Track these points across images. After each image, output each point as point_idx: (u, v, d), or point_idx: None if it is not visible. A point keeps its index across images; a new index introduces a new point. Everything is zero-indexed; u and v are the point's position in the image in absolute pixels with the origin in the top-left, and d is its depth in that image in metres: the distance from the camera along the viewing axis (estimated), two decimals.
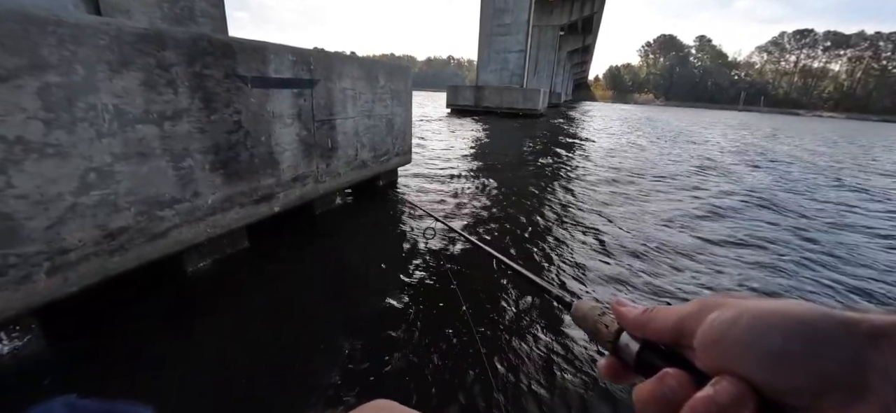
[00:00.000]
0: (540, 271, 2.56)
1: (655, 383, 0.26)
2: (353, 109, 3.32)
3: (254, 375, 1.54)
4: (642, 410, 0.26)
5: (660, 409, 0.25)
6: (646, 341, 0.29)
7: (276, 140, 2.51)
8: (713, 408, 0.22)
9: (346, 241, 2.86)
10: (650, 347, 0.29)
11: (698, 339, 0.25)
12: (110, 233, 1.70)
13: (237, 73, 2.15)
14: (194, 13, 2.70)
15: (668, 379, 0.25)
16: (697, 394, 0.23)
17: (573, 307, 0.35)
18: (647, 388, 0.26)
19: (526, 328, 1.92)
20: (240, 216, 2.34)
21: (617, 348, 0.30)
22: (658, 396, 0.25)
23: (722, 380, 0.23)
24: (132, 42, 1.67)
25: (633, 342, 0.29)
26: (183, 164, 1.95)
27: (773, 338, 0.22)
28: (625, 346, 0.30)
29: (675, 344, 0.27)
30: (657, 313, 0.28)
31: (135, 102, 1.70)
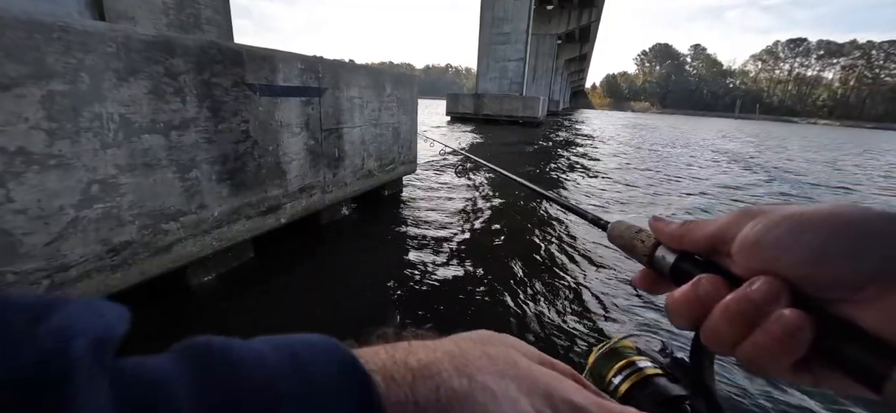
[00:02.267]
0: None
1: (690, 287, 0.26)
2: (360, 118, 3.26)
3: None
4: (676, 314, 0.26)
5: (693, 311, 0.25)
6: (682, 252, 0.29)
7: (284, 150, 2.45)
8: (747, 305, 0.23)
9: (352, 252, 2.79)
10: (686, 258, 0.29)
11: (736, 245, 0.25)
12: (113, 248, 1.63)
13: (246, 82, 2.09)
14: (200, 20, 2.65)
15: (703, 282, 0.25)
16: (731, 294, 0.24)
17: (609, 228, 0.36)
18: (681, 292, 0.26)
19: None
20: (246, 228, 2.27)
21: (653, 261, 0.31)
22: (692, 299, 0.25)
23: (757, 279, 0.23)
24: (140, 50, 1.61)
25: (670, 254, 0.30)
26: (189, 176, 1.88)
27: (815, 235, 0.22)
28: (661, 258, 0.30)
29: (713, 253, 0.27)
30: (695, 225, 0.28)
31: (141, 112, 1.64)
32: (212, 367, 0.15)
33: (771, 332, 0.22)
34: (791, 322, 0.21)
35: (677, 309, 0.26)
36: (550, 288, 2.39)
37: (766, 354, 0.22)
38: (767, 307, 0.22)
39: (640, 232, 0.33)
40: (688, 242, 0.29)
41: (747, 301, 0.23)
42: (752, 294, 0.23)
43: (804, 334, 0.21)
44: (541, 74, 38.48)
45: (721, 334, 0.24)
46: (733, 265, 0.26)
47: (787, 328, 0.21)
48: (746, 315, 0.23)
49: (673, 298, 0.27)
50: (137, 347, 0.16)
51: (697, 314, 0.25)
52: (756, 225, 0.24)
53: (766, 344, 0.22)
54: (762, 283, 0.23)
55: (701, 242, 0.28)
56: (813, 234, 0.22)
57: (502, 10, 19.14)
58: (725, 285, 0.25)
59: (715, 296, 0.25)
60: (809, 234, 0.22)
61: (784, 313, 0.21)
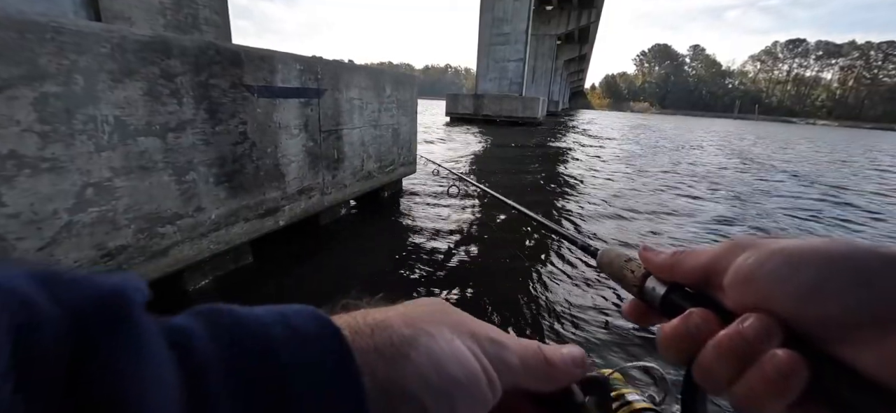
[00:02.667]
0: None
1: (681, 322, 0.25)
2: (360, 119, 3.24)
3: None
4: (666, 349, 0.26)
5: (684, 346, 0.25)
6: (672, 284, 0.28)
7: (283, 151, 2.42)
8: (740, 342, 0.22)
9: (352, 254, 2.76)
10: (676, 289, 0.28)
11: (728, 278, 0.24)
12: (108, 252, 1.60)
13: (244, 83, 2.06)
14: (198, 21, 2.62)
15: (694, 317, 0.25)
16: (723, 330, 0.23)
17: (599, 254, 0.35)
18: (671, 326, 0.26)
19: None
20: (244, 231, 2.24)
21: (643, 292, 0.30)
22: (682, 334, 0.25)
23: (750, 316, 0.22)
24: (136, 50, 1.58)
25: (660, 285, 0.29)
26: (186, 178, 1.85)
27: (808, 271, 0.21)
28: (651, 290, 0.29)
29: (704, 285, 0.27)
30: (685, 256, 0.28)
31: (137, 114, 1.61)
32: (221, 321, 0.19)
33: (764, 373, 0.21)
34: (785, 363, 0.21)
35: (668, 344, 0.26)
36: (543, 301, 2.36)
37: (760, 396, 0.21)
38: (760, 345, 0.21)
39: (630, 261, 0.32)
40: (678, 273, 0.28)
41: (740, 338, 0.22)
42: (744, 331, 0.22)
43: (798, 376, 0.20)
44: (540, 75, 38.49)
45: (713, 373, 0.23)
46: (725, 298, 0.25)
47: (780, 369, 0.21)
48: (739, 353, 0.22)
49: (664, 333, 0.26)
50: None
51: (689, 350, 0.25)
52: (748, 258, 0.24)
53: (760, 385, 0.21)
54: (755, 321, 0.22)
55: (692, 274, 0.27)
56: (806, 271, 0.21)
57: (502, 11, 19.13)
58: (717, 320, 0.24)
59: (706, 331, 0.24)
60: (803, 270, 0.22)
61: (777, 353, 0.21)
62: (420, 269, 2.55)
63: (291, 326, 0.19)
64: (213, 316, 0.19)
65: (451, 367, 0.22)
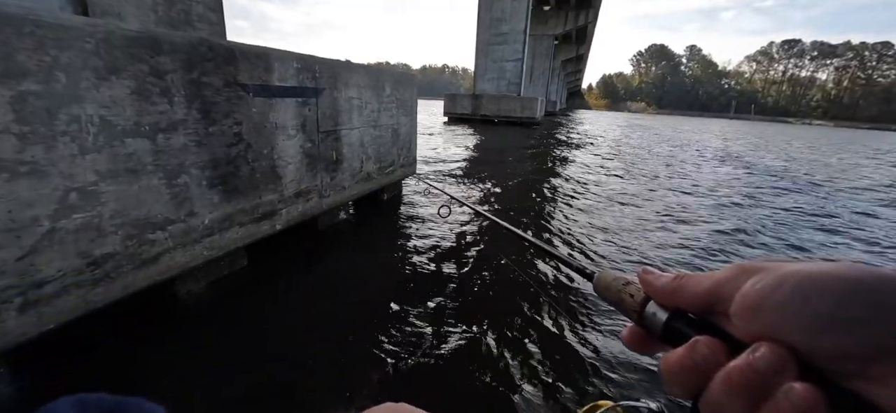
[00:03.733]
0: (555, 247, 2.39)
1: (685, 351, 0.23)
2: (359, 119, 3.15)
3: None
4: (671, 381, 0.24)
5: (689, 378, 0.23)
6: (675, 310, 0.27)
7: (279, 153, 2.33)
8: (751, 375, 0.20)
9: (350, 258, 2.67)
10: (679, 316, 0.26)
11: (736, 306, 0.23)
12: (94, 261, 1.51)
13: (238, 81, 1.97)
14: (191, 17, 2.53)
15: (700, 347, 0.23)
16: (733, 361, 0.21)
17: (595, 278, 0.34)
18: (675, 356, 0.24)
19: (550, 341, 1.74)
20: (239, 236, 2.15)
21: (643, 318, 0.28)
22: (688, 365, 0.23)
23: (761, 346, 0.21)
24: (123, 46, 1.49)
25: (661, 311, 0.27)
26: (177, 181, 1.76)
27: (824, 301, 0.20)
28: (651, 316, 0.28)
29: (708, 312, 0.25)
30: (689, 280, 0.26)
31: (124, 113, 1.52)
32: None
33: (780, 410, 0.19)
34: (803, 399, 0.19)
35: (672, 376, 0.24)
36: (550, 308, 2.29)
37: None
38: (774, 378, 0.20)
39: (629, 285, 0.30)
40: (681, 299, 0.26)
41: (751, 371, 0.20)
42: (755, 363, 0.20)
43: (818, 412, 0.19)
44: (538, 75, 38.45)
45: (723, 409, 0.22)
46: (732, 327, 0.23)
47: (798, 406, 0.19)
48: (751, 387, 0.20)
49: (667, 363, 0.24)
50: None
51: (695, 383, 0.23)
52: (757, 283, 0.22)
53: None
54: (767, 351, 0.20)
55: (695, 299, 0.25)
56: (820, 299, 0.20)
57: (500, 11, 19.06)
58: (725, 350, 0.22)
59: (714, 362, 0.22)
60: (816, 298, 0.20)
61: (794, 388, 0.19)
62: (420, 275, 2.47)
63: None
64: None
65: None
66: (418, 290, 2.26)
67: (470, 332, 1.90)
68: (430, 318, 2.00)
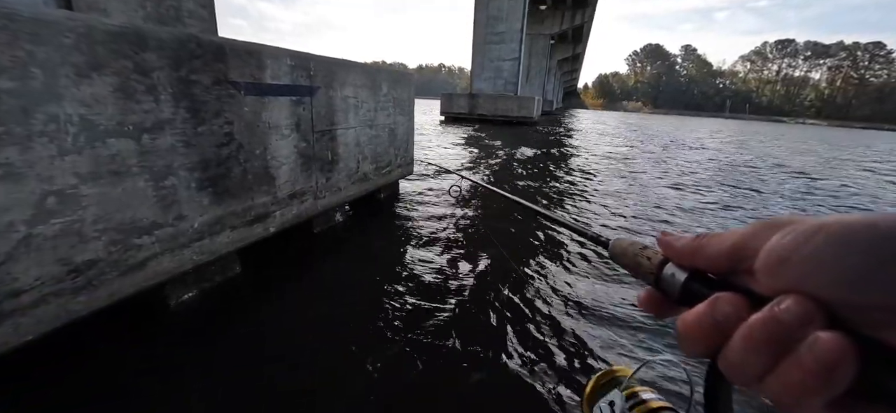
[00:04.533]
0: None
1: (705, 308, 0.23)
2: (355, 119, 3.08)
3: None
4: (688, 339, 0.23)
5: (708, 336, 0.22)
6: (694, 270, 0.25)
7: (273, 153, 2.26)
8: (774, 327, 0.19)
9: (347, 261, 2.60)
10: (698, 276, 0.25)
11: (761, 261, 0.22)
12: (75, 268, 1.43)
13: (229, 79, 1.90)
14: (181, 13, 2.44)
15: (721, 303, 0.22)
16: (755, 314, 0.20)
17: (610, 245, 0.33)
18: (694, 314, 0.23)
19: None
20: (231, 240, 2.08)
21: (660, 281, 0.27)
22: (707, 322, 0.22)
23: (786, 298, 0.20)
24: (105, 42, 1.41)
25: (680, 272, 0.26)
26: (165, 183, 1.68)
27: (855, 250, 0.19)
28: (669, 277, 0.26)
29: (730, 271, 0.24)
30: (710, 239, 0.25)
31: (107, 113, 1.44)
32: None
33: (804, 362, 0.18)
34: (830, 348, 0.18)
35: (690, 334, 0.23)
36: (552, 300, 2.23)
37: (799, 389, 0.18)
38: (799, 331, 0.19)
39: (646, 249, 0.30)
40: (701, 259, 0.25)
41: (775, 323, 0.19)
42: (780, 314, 0.19)
43: (846, 364, 0.18)
44: (534, 74, 38.46)
45: (743, 364, 0.20)
46: (755, 284, 0.22)
47: (824, 356, 0.18)
48: (774, 340, 0.19)
49: (685, 322, 0.24)
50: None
51: (714, 340, 0.22)
52: (785, 236, 0.21)
53: (799, 376, 0.18)
54: (792, 303, 0.19)
55: (717, 259, 0.25)
56: (852, 250, 0.19)
57: (497, 10, 19.01)
58: (747, 306, 0.21)
59: (735, 318, 0.21)
60: (848, 249, 0.19)
61: (820, 337, 0.18)
62: (418, 277, 2.40)
63: None
64: None
65: None
66: (417, 293, 2.20)
67: (469, 334, 1.84)
68: (430, 320, 1.94)
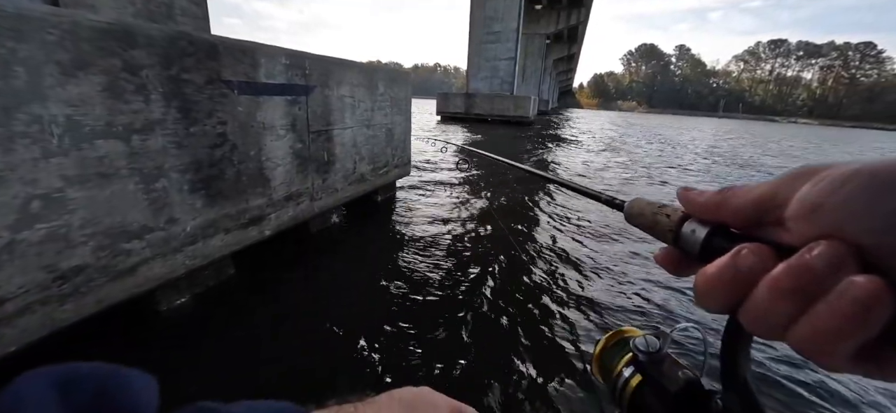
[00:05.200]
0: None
1: (728, 259, 0.21)
2: (352, 118, 3.03)
3: None
4: (708, 292, 0.22)
5: (731, 288, 0.21)
6: (716, 225, 0.24)
7: (267, 154, 2.20)
8: (805, 274, 0.18)
9: (344, 264, 2.55)
10: (721, 231, 0.24)
11: (792, 209, 0.20)
12: (61, 274, 1.37)
13: (222, 78, 1.84)
14: (173, 11, 2.38)
15: (746, 253, 0.21)
16: (783, 262, 0.19)
17: (626, 206, 0.32)
18: (715, 267, 0.22)
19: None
20: (225, 243, 2.02)
21: (679, 238, 0.26)
22: (729, 274, 0.21)
23: (818, 244, 0.18)
24: (92, 39, 1.36)
25: (701, 228, 0.24)
26: (155, 186, 1.63)
27: (894, 194, 0.17)
28: (689, 234, 0.25)
29: (757, 223, 0.23)
30: (735, 191, 0.23)
31: (94, 113, 1.38)
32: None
33: (837, 305, 0.17)
34: (866, 289, 0.17)
35: (710, 287, 0.22)
36: (554, 293, 2.20)
37: (831, 334, 0.17)
38: (831, 276, 0.18)
39: (664, 207, 0.29)
40: (726, 211, 0.24)
41: (805, 269, 0.18)
42: (812, 261, 0.18)
43: (882, 306, 0.17)
44: (530, 74, 38.51)
45: (769, 313, 0.19)
46: (785, 235, 0.21)
47: (860, 298, 0.17)
48: (803, 286, 0.18)
49: (705, 275, 0.22)
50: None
51: (736, 292, 0.21)
52: (819, 182, 0.20)
53: (831, 320, 0.17)
54: (825, 248, 0.18)
55: (743, 210, 0.23)
56: (889, 193, 0.17)
57: (493, 10, 18.99)
58: (773, 256, 0.20)
59: (760, 268, 0.20)
60: (884, 192, 0.17)
61: (855, 280, 0.17)
62: (417, 281, 2.36)
63: None
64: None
65: None
66: (416, 296, 2.15)
67: (471, 338, 1.80)
68: (429, 324, 1.89)
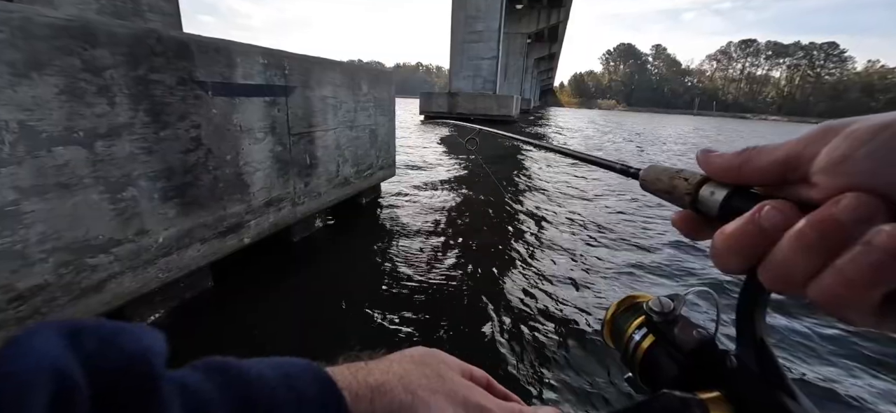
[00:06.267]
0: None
1: (750, 215, 0.20)
2: (334, 120, 2.93)
3: None
4: (726, 250, 0.21)
5: (751, 243, 0.20)
6: (737, 186, 0.23)
7: (246, 158, 2.10)
8: (831, 225, 0.17)
9: (329, 271, 2.47)
10: (741, 192, 0.23)
11: (821, 161, 0.19)
12: (18, 295, 1.25)
13: (195, 79, 1.73)
14: (140, 7, 2.24)
15: (768, 209, 0.20)
16: (808, 215, 0.18)
17: (642, 173, 0.31)
18: (736, 224, 0.21)
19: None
20: (201, 253, 1.91)
21: (697, 201, 0.25)
22: (751, 231, 0.20)
23: (844, 197, 0.18)
24: (47, 37, 1.24)
25: (720, 190, 0.23)
26: (123, 195, 1.51)
27: None
28: (708, 196, 0.24)
29: (781, 181, 0.22)
30: (759, 151, 0.22)
31: (51, 118, 1.27)
32: (231, 383, 0.19)
33: (865, 254, 0.16)
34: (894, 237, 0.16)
35: (730, 244, 0.21)
36: (544, 285, 2.17)
37: (855, 284, 0.17)
38: (858, 227, 0.17)
39: (682, 171, 0.27)
40: (749, 171, 0.22)
41: (832, 220, 0.17)
42: (839, 212, 0.17)
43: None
44: (512, 73, 38.77)
45: (791, 267, 0.19)
46: (811, 191, 0.20)
47: (889, 247, 0.16)
48: (829, 239, 0.17)
49: (724, 234, 0.21)
50: None
51: (757, 249, 0.20)
52: (849, 135, 0.18)
53: (857, 270, 0.17)
54: (852, 199, 0.17)
55: (768, 167, 0.21)
56: None
57: (475, 9, 18.98)
58: (796, 212, 0.19)
59: (783, 224, 0.19)
60: None
61: (885, 228, 0.16)
62: (404, 286, 2.29)
63: (295, 389, 0.20)
64: (223, 375, 0.19)
65: None
66: (402, 302, 2.09)
67: (460, 341, 1.75)
68: (417, 329, 1.83)
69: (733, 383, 0.27)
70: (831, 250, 0.18)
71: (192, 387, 0.18)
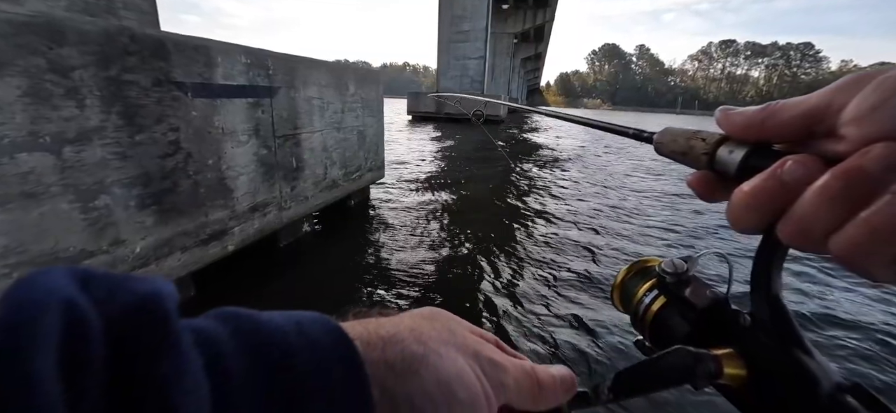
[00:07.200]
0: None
1: (771, 172, 0.20)
2: (321, 121, 2.86)
3: None
4: (746, 207, 0.21)
5: (772, 199, 0.20)
6: (757, 144, 0.22)
7: (228, 162, 2.01)
8: (858, 176, 0.17)
9: (317, 278, 2.39)
10: (762, 150, 0.22)
11: (850, 111, 0.18)
12: None
13: (172, 79, 1.65)
14: (114, 4, 2.13)
15: (791, 164, 0.19)
16: (833, 167, 0.18)
17: (657, 136, 0.30)
18: (755, 181, 0.20)
19: None
20: (182, 262, 1.83)
21: (714, 161, 0.24)
22: (772, 186, 0.20)
23: (872, 147, 0.17)
24: (7, 35, 1.15)
25: (739, 149, 0.23)
26: (95, 203, 1.42)
27: None
28: (727, 154, 0.23)
29: (805, 136, 0.21)
30: (781, 106, 0.21)
31: (14, 122, 1.18)
32: (244, 329, 0.19)
33: (889, 206, 0.16)
34: None
35: (747, 201, 0.21)
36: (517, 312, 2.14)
37: (879, 237, 0.16)
38: (887, 177, 0.16)
39: (699, 132, 0.26)
40: (771, 127, 0.21)
41: (859, 170, 0.17)
42: (867, 162, 0.17)
43: None
44: (499, 73, 38.91)
45: (811, 221, 0.18)
46: (837, 145, 0.19)
47: None
48: (855, 190, 0.17)
49: (743, 191, 0.21)
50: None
51: (777, 205, 0.20)
52: (881, 85, 0.18)
53: (882, 221, 0.16)
54: (882, 149, 0.17)
55: (791, 124, 0.21)
56: None
57: (462, 8, 18.98)
58: (820, 166, 0.18)
59: (806, 178, 0.19)
60: None
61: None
62: (394, 291, 2.24)
63: (306, 335, 0.20)
64: (237, 322, 0.19)
65: (455, 388, 0.22)
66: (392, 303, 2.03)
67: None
68: None
69: (747, 339, 0.27)
70: (856, 202, 0.17)
71: (205, 331, 0.18)
